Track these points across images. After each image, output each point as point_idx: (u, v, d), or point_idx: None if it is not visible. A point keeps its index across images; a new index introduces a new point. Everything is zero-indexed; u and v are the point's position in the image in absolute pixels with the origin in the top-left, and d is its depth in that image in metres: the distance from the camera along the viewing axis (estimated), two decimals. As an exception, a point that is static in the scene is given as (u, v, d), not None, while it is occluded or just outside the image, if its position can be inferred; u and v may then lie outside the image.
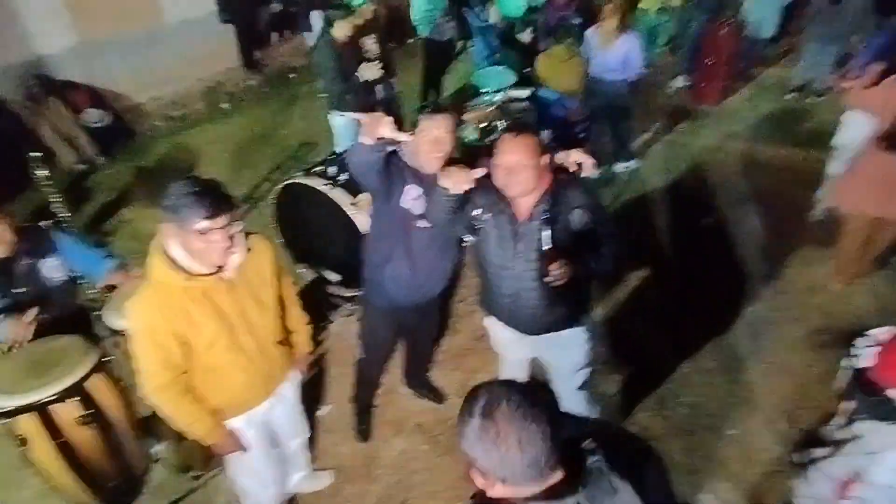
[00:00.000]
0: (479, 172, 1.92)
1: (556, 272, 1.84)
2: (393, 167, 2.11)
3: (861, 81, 3.06)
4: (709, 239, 3.89)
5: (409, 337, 2.82)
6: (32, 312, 1.89)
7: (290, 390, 2.14)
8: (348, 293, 3.24)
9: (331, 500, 2.56)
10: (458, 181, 1.89)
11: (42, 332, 1.90)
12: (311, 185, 2.76)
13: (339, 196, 2.81)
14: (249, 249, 1.76)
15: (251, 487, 2.16)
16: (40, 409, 1.73)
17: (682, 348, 3.12)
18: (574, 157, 2.06)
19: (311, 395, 2.94)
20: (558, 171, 2.03)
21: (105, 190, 5.20)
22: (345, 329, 3.34)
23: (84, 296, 2.22)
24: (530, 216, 1.95)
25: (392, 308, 2.41)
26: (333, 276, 3.10)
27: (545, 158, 1.92)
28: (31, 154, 3.20)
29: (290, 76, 7.48)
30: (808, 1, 5.43)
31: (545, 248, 1.88)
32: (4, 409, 1.70)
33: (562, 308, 2.09)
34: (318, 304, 3.46)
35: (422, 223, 2.16)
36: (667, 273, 3.59)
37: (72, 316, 2.06)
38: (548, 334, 2.17)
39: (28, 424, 1.73)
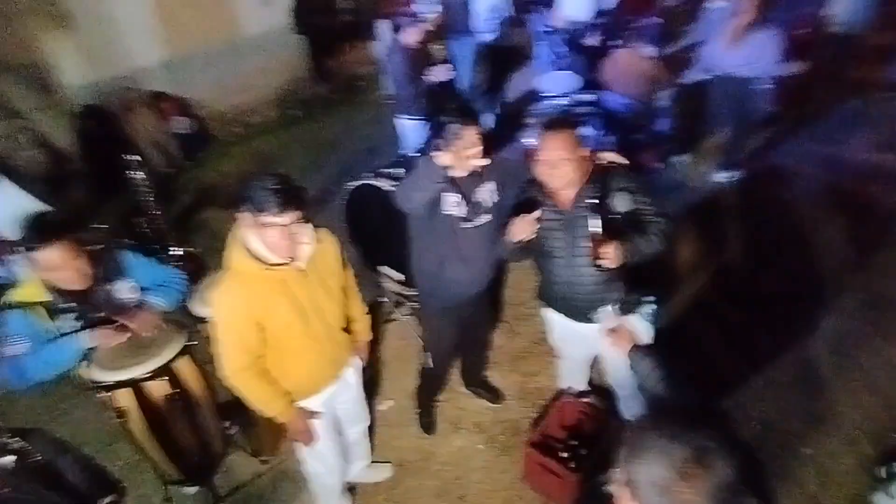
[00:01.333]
0: (537, 214, 2.00)
1: (606, 254, 1.90)
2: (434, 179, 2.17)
3: None
4: (792, 246, 3.69)
5: (465, 334, 2.86)
6: (123, 330, 1.97)
7: (352, 376, 2.24)
8: (410, 292, 3.32)
9: (389, 491, 2.63)
10: (524, 230, 1.98)
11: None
12: (379, 185, 2.86)
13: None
14: (319, 242, 1.87)
15: (317, 471, 2.26)
16: (135, 385, 1.91)
17: (755, 359, 2.97)
18: (607, 157, 2.14)
19: (372, 390, 3.05)
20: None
21: (188, 192, 5.59)
22: (405, 327, 3.43)
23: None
24: (574, 205, 2.04)
25: (453, 307, 2.49)
26: (397, 276, 3.18)
27: (584, 150, 2.03)
28: (130, 157, 3.49)
29: (358, 84, 7.76)
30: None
31: (592, 231, 1.93)
32: (105, 384, 1.89)
33: (615, 294, 2.09)
34: (380, 303, 3.58)
35: (466, 224, 2.25)
36: (745, 280, 3.45)
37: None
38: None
39: (125, 398, 1.92)
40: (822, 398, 2.80)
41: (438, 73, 4.04)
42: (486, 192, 2.27)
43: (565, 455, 2.46)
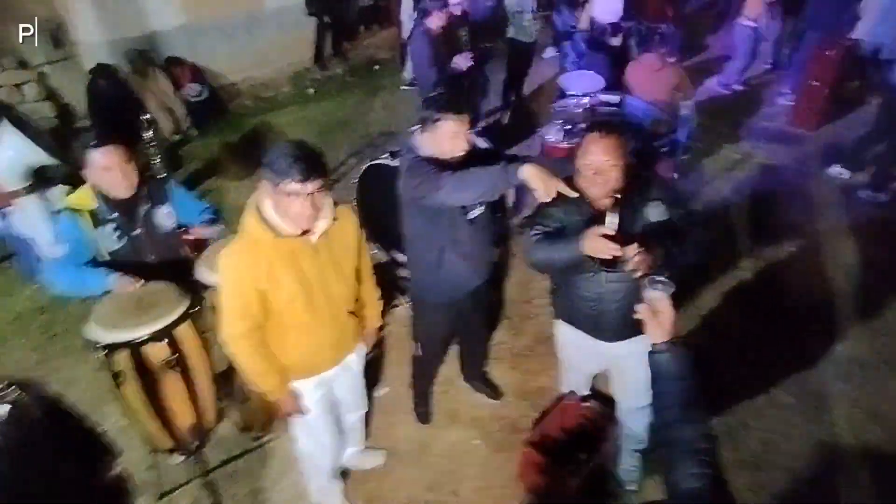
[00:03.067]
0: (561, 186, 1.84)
1: (635, 258, 1.78)
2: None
3: None
4: (800, 267, 3.65)
5: (464, 329, 2.82)
6: (141, 281, 2.07)
7: (355, 362, 2.18)
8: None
9: (381, 480, 2.58)
10: (548, 189, 1.81)
11: (147, 276, 2.06)
12: (395, 166, 2.80)
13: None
14: (336, 219, 1.80)
15: (310, 452, 2.21)
16: (134, 347, 1.85)
17: (758, 378, 2.93)
18: None
19: (370, 375, 2.99)
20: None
21: (195, 160, 5.51)
22: (409, 313, 3.36)
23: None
24: (608, 214, 1.89)
25: (450, 302, 2.44)
26: (403, 259, 3.13)
27: (630, 159, 1.89)
28: (143, 117, 3.43)
29: (375, 68, 7.68)
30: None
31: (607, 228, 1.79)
32: (104, 344, 1.83)
33: None
34: (385, 286, 3.52)
35: (464, 215, 2.20)
36: (751, 298, 3.41)
37: (172, 264, 2.20)
38: (629, 340, 2.09)
39: (123, 360, 1.86)
40: (824, 422, 2.76)
41: (459, 62, 3.99)
42: None
43: (564, 457, 2.42)
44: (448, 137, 2.05)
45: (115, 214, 2.10)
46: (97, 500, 1.42)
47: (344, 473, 2.55)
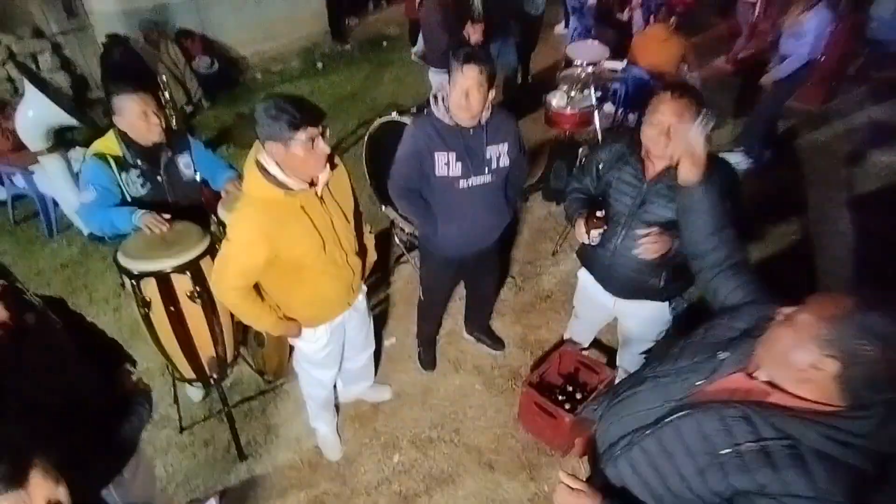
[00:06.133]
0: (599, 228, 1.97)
1: (648, 244, 1.84)
2: (419, 146, 2.15)
3: None
4: (802, 243, 3.73)
5: (469, 285, 2.93)
6: (167, 216, 2.17)
7: (361, 301, 2.28)
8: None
9: (388, 418, 2.73)
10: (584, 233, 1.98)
11: (170, 217, 2.18)
12: (403, 121, 2.89)
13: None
14: (336, 166, 1.85)
15: (309, 382, 2.35)
16: (162, 276, 1.99)
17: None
18: None
19: (378, 328, 3.13)
20: None
21: (207, 129, 5.63)
22: (414, 271, 3.50)
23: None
24: (657, 178, 1.89)
25: (450, 258, 2.50)
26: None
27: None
28: (162, 78, 3.53)
29: (383, 43, 7.73)
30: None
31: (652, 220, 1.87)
32: (134, 272, 1.97)
33: (655, 279, 2.04)
34: (392, 246, 3.66)
35: (463, 183, 2.19)
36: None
37: (191, 209, 2.33)
38: (634, 301, 2.16)
39: (150, 288, 1.99)
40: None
41: (471, 33, 4.03)
42: (498, 152, 2.20)
43: (561, 398, 2.56)
44: (462, 91, 1.99)
45: (139, 161, 2.22)
46: (119, 403, 1.55)
47: (350, 409, 2.72)
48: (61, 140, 3.77)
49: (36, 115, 3.50)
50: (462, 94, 2.01)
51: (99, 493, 1.54)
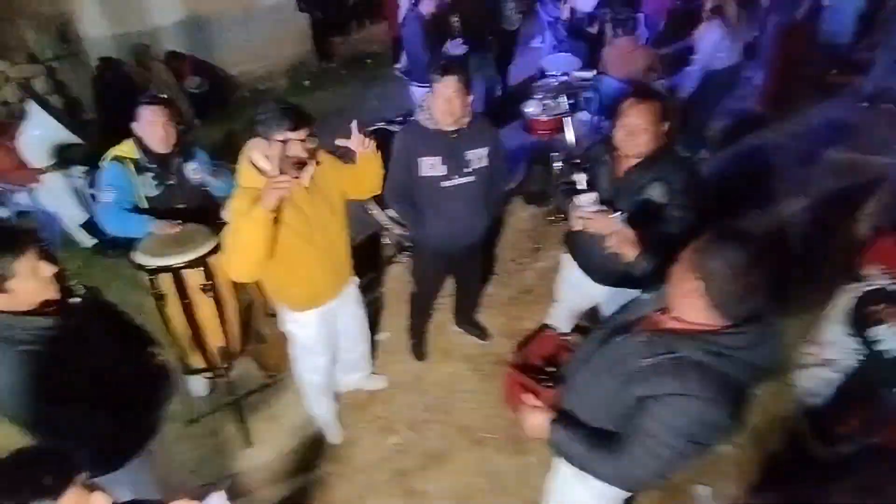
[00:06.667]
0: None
1: (621, 246, 1.95)
2: (406, 151, 2.39)
3: None
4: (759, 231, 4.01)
5: (456, 279, 3.16)
6: (177, 223, 2.42)
7: (352, 291, 2.46)
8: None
9: (384, 404, 2.93)
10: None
11: (180, 219, 2.42)
12: (392, 130, 3.14)
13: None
14: (318, 162, 2.04)
15: (306, 369, 2.52)
16: (175, 271, 2.19)
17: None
18: None
19: (373, 324, 3.33)
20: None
21: (198, 147, 5.81)
22: (405, 270, 3.72)
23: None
24: (626, 175, 2.10)
25: (438, 253, 2.73)
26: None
27: (665, 126, 2.02)
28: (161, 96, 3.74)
29: (367, 61, 8.02)
30: (886, 9, 5.40)
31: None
32: (150, 267, 2.17)
33: (633, 268, 2.11)
34: (382, 247, 3.88)
35: (446, 183, 2.41)
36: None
37: (199, 210, 2.55)
38: (614, 288, 2.31)
39: (165, 283, 2.19)
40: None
41: (452, 49, 4.31)
42: (477, 155, 2.43)
43: (542, 377, 2.77)
44: (443, 99, 2.24)
45: (153, 165, 2.47)
46: (147, 381, 1.74)
47: (348, 397, 2.92)
48: (64, 156, 3.95)
49: (42, 133, 3.69)
50: (444, 101, 2.26)
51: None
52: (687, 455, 1.32)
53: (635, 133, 1.99)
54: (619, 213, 2.08)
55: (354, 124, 2.10)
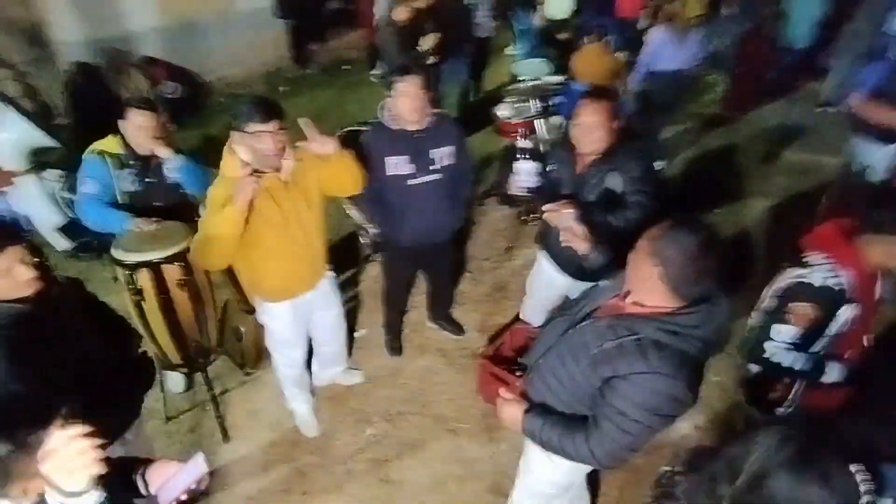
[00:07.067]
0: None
1: (575, 241, 1.98)
2: (373, 151, 2.50)
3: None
4: (721, 227, 4.16)
5: (428, 277, 3.26)
6: (153, 221, 2.47)
7: (327, 285, 2.52)
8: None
9: (362, 398, 3.00)
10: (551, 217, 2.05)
11: (157, 217, 2.47)
12: (364, 132, 3.22)
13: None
14: (299, 160, 2.12)
15: (282, 362, 2.60)
16: (154, 266, 2.24)
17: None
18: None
19: (350, 321, 3.41)
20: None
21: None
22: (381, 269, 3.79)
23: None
24: (587, 170, 2.24)
25: (408, 249, 2.81)
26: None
27: (617, 122, 2.18)
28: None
29: (344, 67, 8.10)
30: (844, 16, 5.62)
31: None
32: (129, 263, 2.22)
33: (592, 260, 2.22)
34: (359, 246, 3.95)
35: (413, 181, 2.51)
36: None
37: (176, 208, 2.60)
38: (583, 281, 2.36)
39: (144, 278, 2.24)
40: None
41: (425, 42, 4.40)
42: (442, 154, 2.54)
43: (513, 368, 2.88)
44: (404, 99, 2.36)
45: (133, 162, 2.53)
46: (127, 369, 1.79)
47: (325, 391, 2.99)
48: (39, 160, 3.95)
49: (15, 137, 3.68)
50: (406, 100, 2.38)
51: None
52: (654, 428, 1.42)
53: (589, 130, 2.14)
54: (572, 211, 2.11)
55: (303, 122, 2.11)
